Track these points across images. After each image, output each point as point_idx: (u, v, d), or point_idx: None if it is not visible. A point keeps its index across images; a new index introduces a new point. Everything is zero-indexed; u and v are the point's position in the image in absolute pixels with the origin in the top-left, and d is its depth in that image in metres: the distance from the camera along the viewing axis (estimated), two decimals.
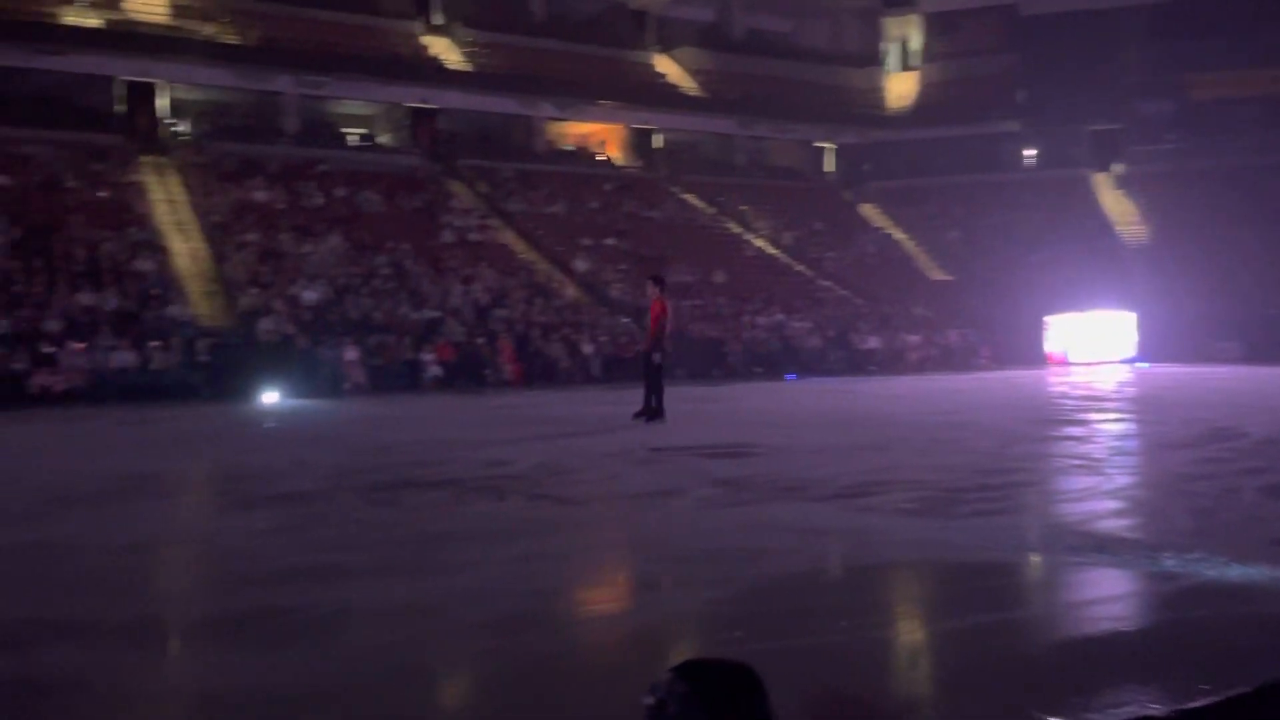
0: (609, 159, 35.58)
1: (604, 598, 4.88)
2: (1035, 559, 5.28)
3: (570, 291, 25.89)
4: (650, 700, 1.53)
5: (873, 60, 39.05)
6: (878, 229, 34.95)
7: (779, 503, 6.62)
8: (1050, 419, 12.46)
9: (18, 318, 19.21)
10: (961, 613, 4.12)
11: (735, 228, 32.62)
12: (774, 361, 23.53)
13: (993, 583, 4.58)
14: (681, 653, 3.43)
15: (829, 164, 38.64)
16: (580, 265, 27.10)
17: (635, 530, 6.07)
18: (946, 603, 4.47)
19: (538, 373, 21.50)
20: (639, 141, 36.24)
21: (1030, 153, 36.65)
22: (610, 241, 28.74)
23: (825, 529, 5.80)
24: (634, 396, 16.36)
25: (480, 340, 21.89)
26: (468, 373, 20.93)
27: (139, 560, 5.39)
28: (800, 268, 30.60)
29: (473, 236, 27.65)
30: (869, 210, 36.31)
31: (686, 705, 1.51)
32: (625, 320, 23.89)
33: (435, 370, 20.65)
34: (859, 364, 24.37)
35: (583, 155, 35.30)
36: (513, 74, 33.03)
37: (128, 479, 8.02)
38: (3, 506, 6.57)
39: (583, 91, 33.83)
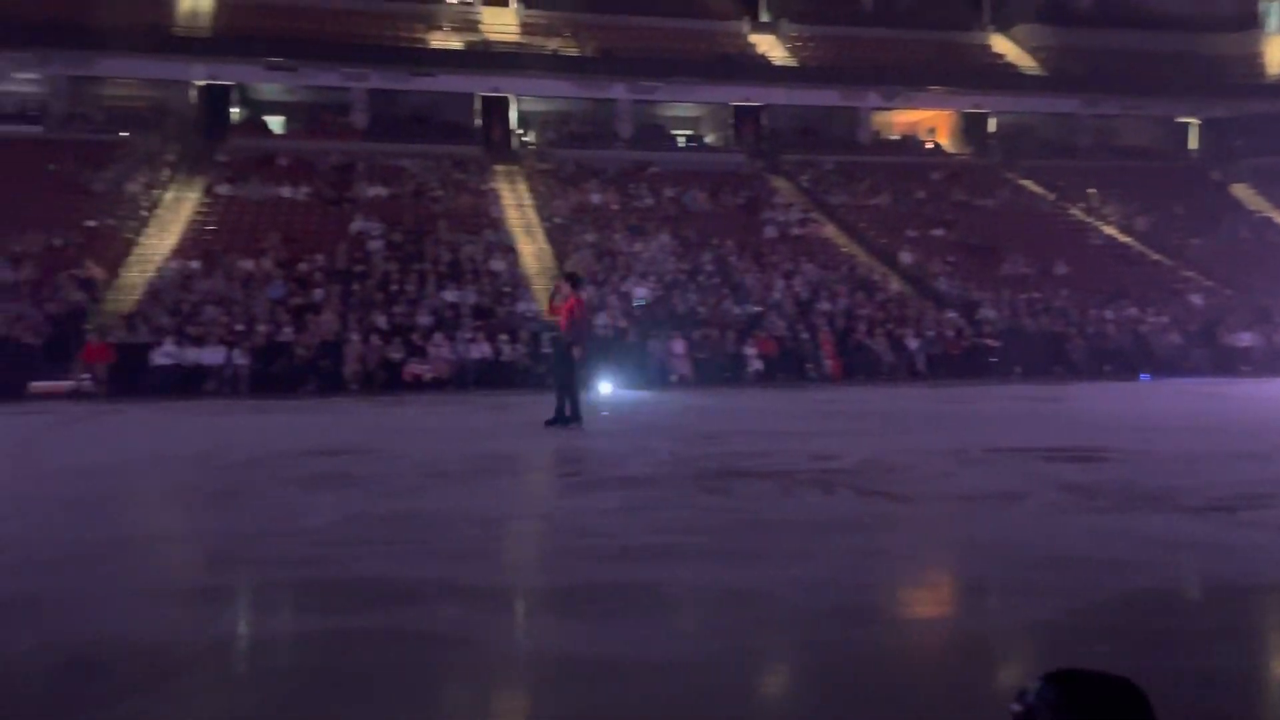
0: (938, 146, 34.25)
1: (944, 598, 4.73)
2: None
3: (894, 285, 25.22)
4: (1018, 708, 1.45)
5: (1250, 23, 34.67)
6: (1252, 211, 31.00)
7: (1139, 512, 6.07)
8: None
9: (394, 313, 21.73)
10: None
11: (1079, 214, 30.25)
12: (1124, 360, 21.56)
13: None
14: (1038, 662, 3.25)
15: (1192, 141, 34.78)
16: (905, 257, 26.31)
17: (974, 532, 5.81)
18: None
19: (859, 368, 21.13)
20: (971, 127, 34.57)
21: None
22: (938, 232, 27.66)
23: (1195, 543, 5.25)
24: (963, 394, 15.66)
25: (801, 334, 21.88)
26: (788, 367, 20.99)
27: (504, 531, 5.94)
28: (1157, 256, 27.82)
29: (794, 231, 27.68)
30: (1241, 191, 32.30)
31: (1059, 716, 1.42)
32: (952, 314, 22.90)
33: (757, 364, 20.91)
34: (1228, 363, 21.74)
35: (909, 144, 34.24)
36: (838, 66, 32.68)
37: (489, 458, 8.83)
38: (389, 480, 7.46)
39: (912, 78, 32.80)
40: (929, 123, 34.87)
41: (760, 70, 33.07)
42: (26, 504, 6.57)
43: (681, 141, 34.44)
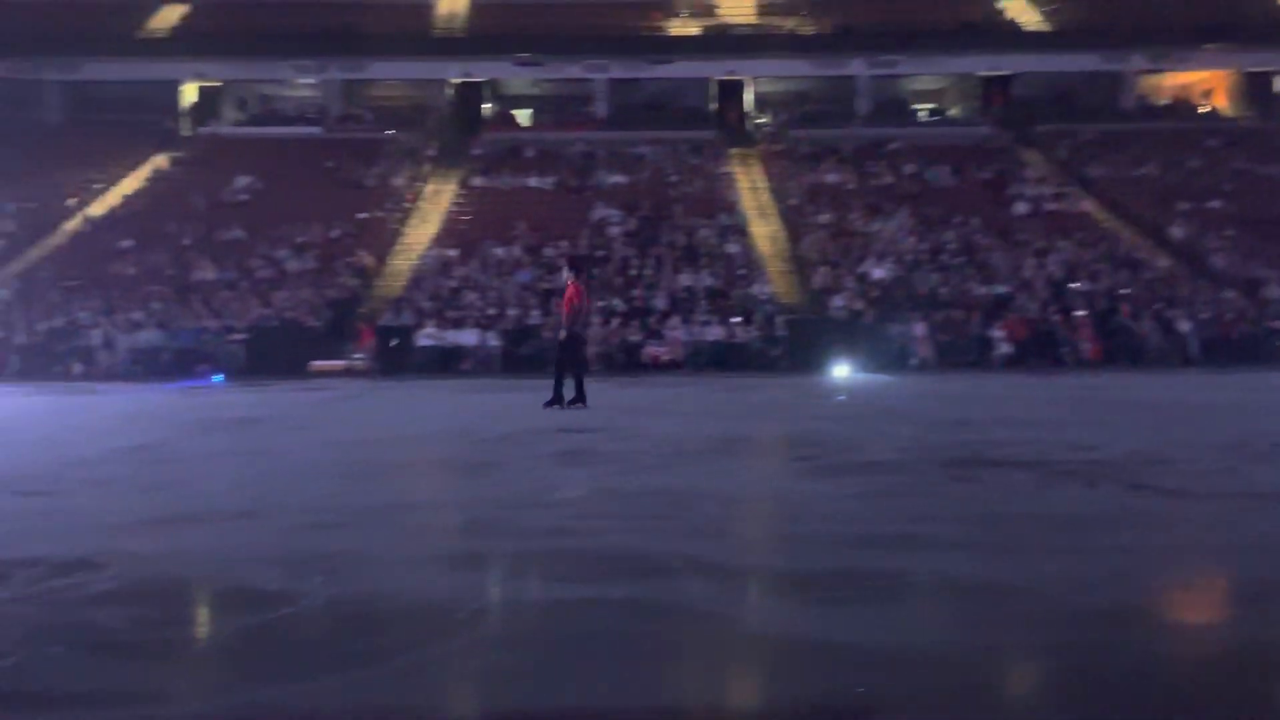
0: (1214, 110, 31.17)
1: (1225, 603, 4.32)
2: None
3: (1162, 262, 23.23)
4: None
5: None
6: None
7: None
8: None
9: (633, 296, 22.30)
10: None
11: None
12: None
13: None
14: None
15: None
16: (1176, 232, 24.16)
17: (1264, 532, 5.27)
18: None
19: (1121, 351, 19.66)
20: (1255, 88, 31.22)
21: None
22: (1214, 204, 25.21)
23: None
24: (1243, 382, 14.23)
25: (1055, 316, 20.60)
26: (1041, 350, 19.84)
27: (744, 511, 5.99)
28: None
29: (1048, 206, 26.05)
30: None
31: None
32: (1230, 294, 20.85)
33: (1005, 347, 19.89)
34: None
35: (1181, 109, 31.36)
36: (1097, 28, 30.38)
37: (727, 439, 8.92)
38: (633, 458, 7.69)
39: (1183, 38, 30.01)
40: (1205, 85, 31.77)
41: (1010, 37, 31.29)
42: (313, 472, 7.26)
43: (923, 115, 33.18)
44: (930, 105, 33.72)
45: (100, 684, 2.90)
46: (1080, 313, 20.40)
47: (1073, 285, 21.33)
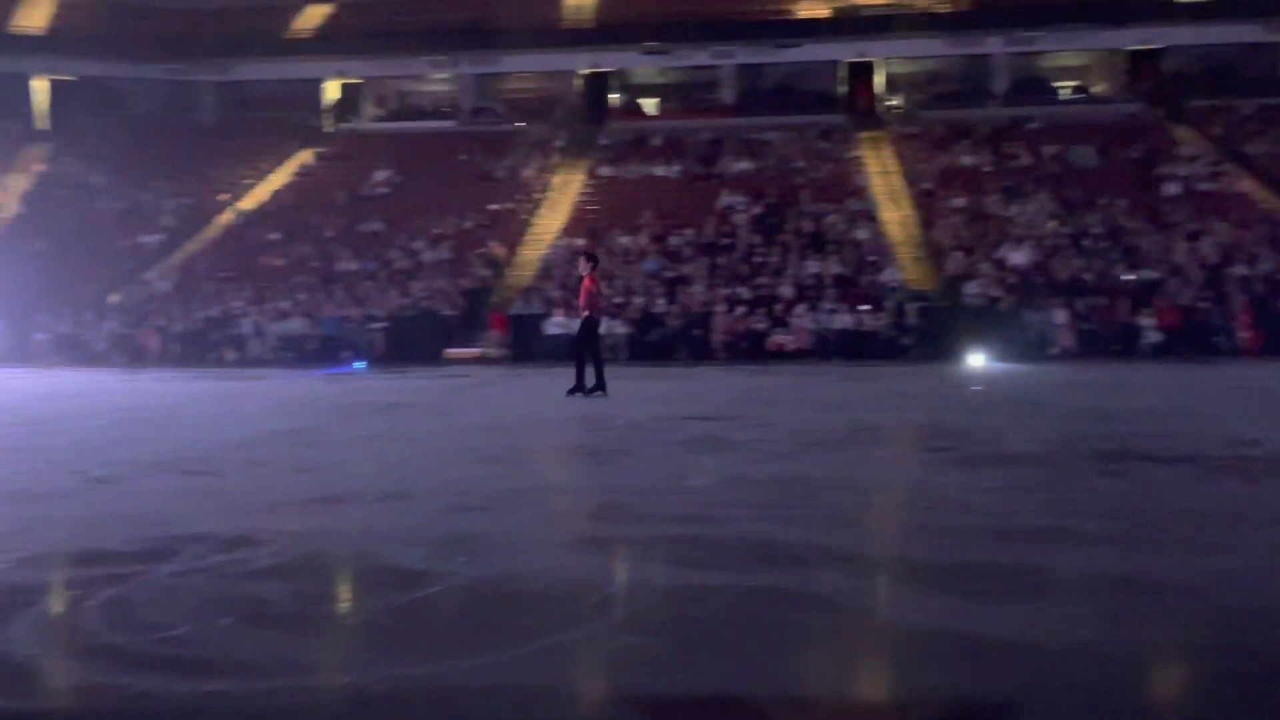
0: None
1: None
2: None
3: None
4: None
5: None
6: None
7: None
8: None
9: (758, 284, 22.15)
10: None
11: None
12: None
13: None
14: None
15: None
16: None
17: None
18: None
19: None
20: None
21: None
22: None
23: None
24: None
25: (1210, 303, 19.50)
26: (1193, 339, 18.82)
27: (879, 502, 5.91)
28: None
29: (1202, 186, 24.63)
30: None
31: None
32: None
33: (1154, 335, 18.95)
34: None
35: None
36: None
37: (858, 428, 8.80)
38: (762, 446, 7.67)
39: None
40: None
41: (1160, 8, 29.65)
42: (453, 456, 7.51)
43: (1065, 93, 31.80)
44: (1073, 82, 32.29)
45: (264, 654, 3.08)
46: (1237, 299, 19.24)
47: (1229, 270, 20.13)
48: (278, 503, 5.57)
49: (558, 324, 21.36)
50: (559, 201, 28.34)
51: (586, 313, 11.94)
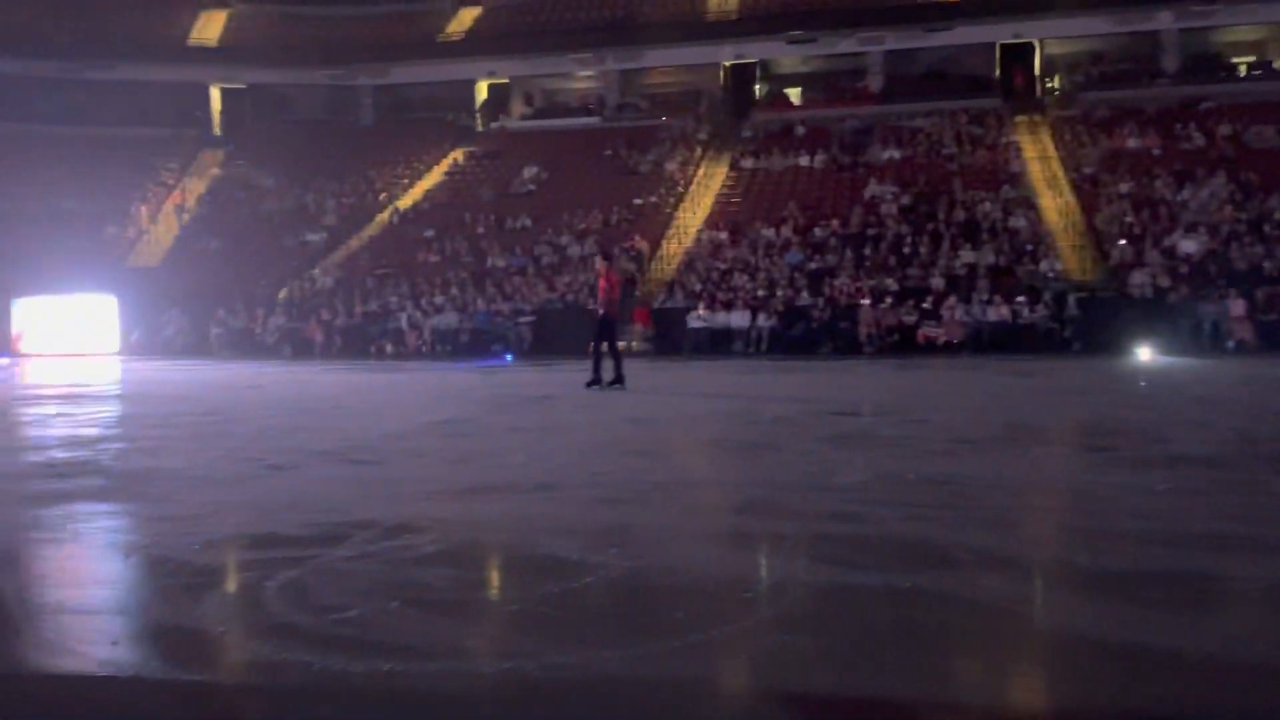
0: None
1: None
2: None
3: None
4: None
5: None
6: None
7: None
8: None
9: (907, 275, 21.61)
10: None
11: None
12: None
13: None
14: None
15: None
16: None
17: None
18: None
19: None
20: None
21: None
22: None
23: None
24: None
25: None
26: None
27: (1040, 503, 5.69)
28: None
29: None
30: None
31: None
32: None
33: None
34: None
35: None
36: None
37: (1014, 426, 8.49)
38: (914, 443, 7.50)
39: None
40: None
41: None
42: (602, 448, 7.64)
43: (1243, 70, 29.74)
44: (1250, 58, 30.14)
45: (429, 638, 3.22)
46: None
47: None
48: (436, 491, 5.79)
49: (701, 317, 21.40)
50: (702, 195, 28.36)
51: (603, 310, 12.32)
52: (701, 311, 21.47)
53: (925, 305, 20.34)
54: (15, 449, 8.38)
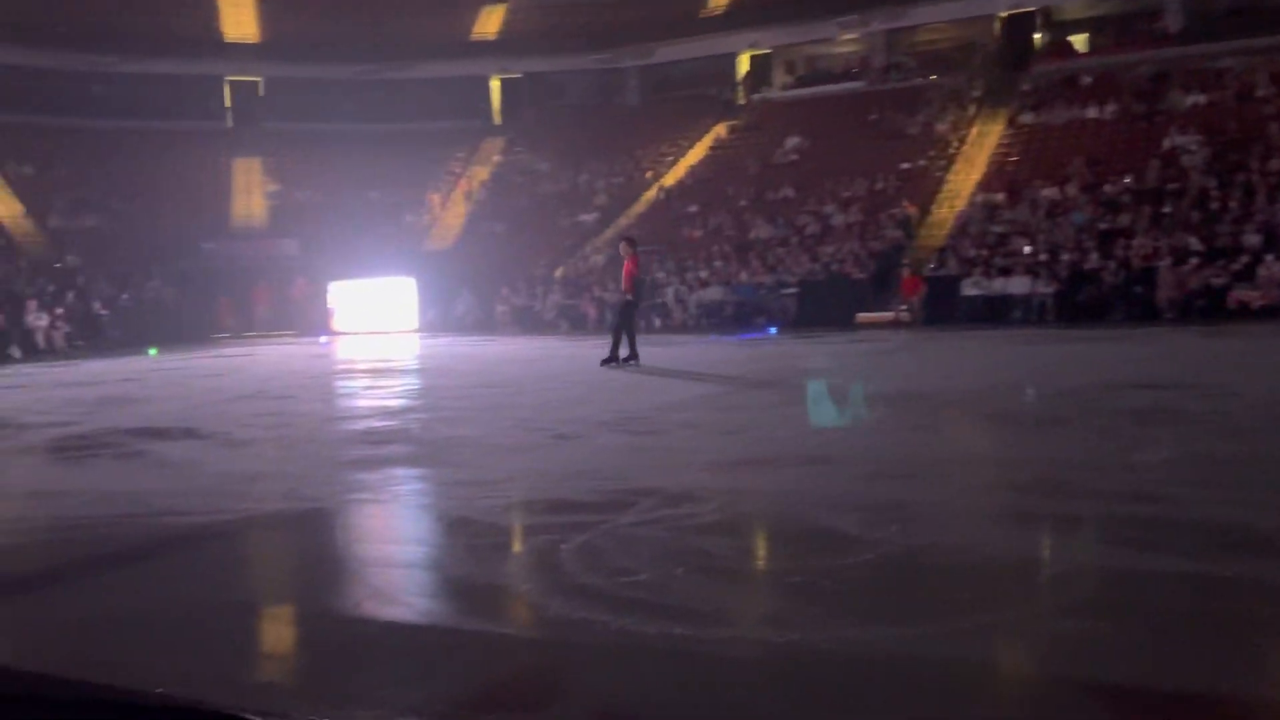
0: None
1: None
2: None
3: None
4: None
5: None
6: None
7: None
8: None
9: (1215, 233, 19.56)
10: None
11: None
12: None
13: None
14: None
15: None
16: None
17: None
18: None
19: None
20: None
21: None
22: None
23: None
24: None
25: None
26: None
27: None
28: None
29: None
30: None
31: None
32: None
33: None
34: None
35: None
36: None
37: None
38: (1227, 419, 6.84)
39: None
40: None
41: None
42: (872, 421, 7.52)
43: None
44: None
45: (716, 604, 3.33)
46: None
47: None
48: (712, 462, 5.94)
49: (975, 284, 20.44)
50: (975, 155, 26.96)
51: (628, 295, 13.17)
52: (976, 278, 20.49)
53: (1237, 266, 18.34)
54: (336, 418, 9.40)
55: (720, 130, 33.97)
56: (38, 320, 22.80)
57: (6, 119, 32.45)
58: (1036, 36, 32.06)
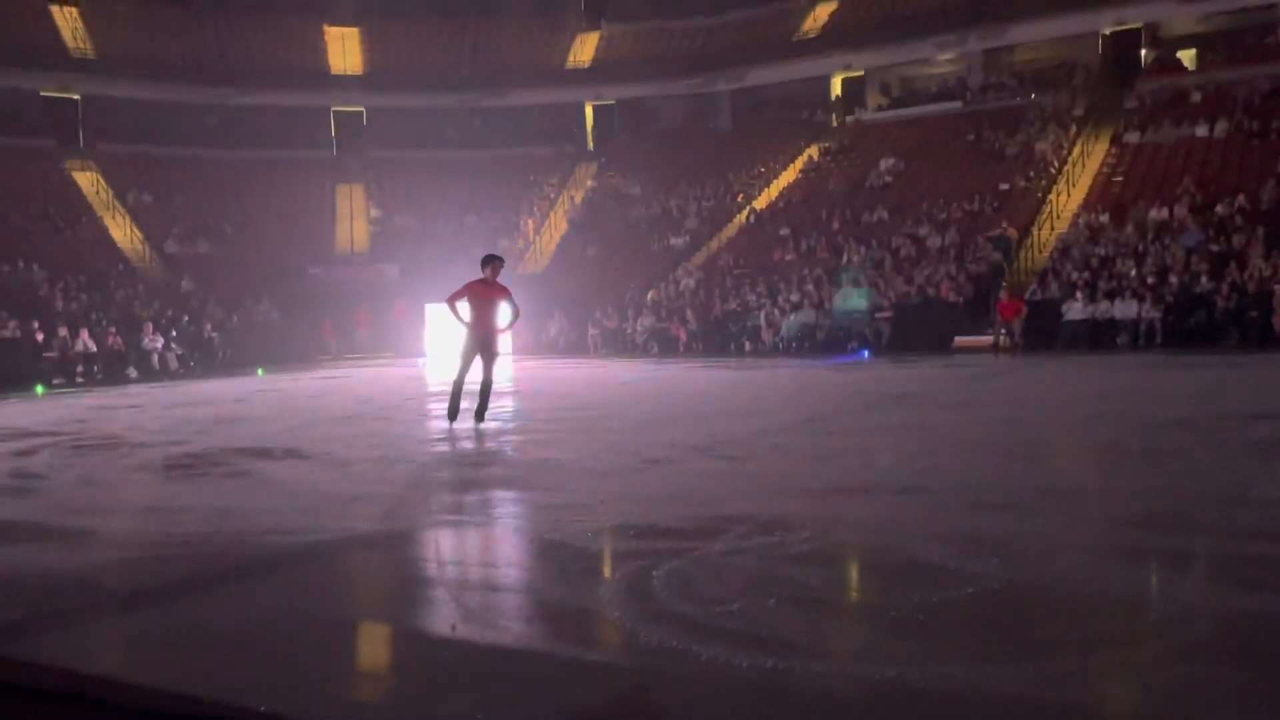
0: None
1: None
2: None
3: None
4: None
5: None
6: None
7: None
8: None
9: None
10: None
11: None
12: None
13: None
14: None
15: None
16: None
17: None
18: None
19: None
20: None
21: None
22: None
23: None
24: None
25: None
26: None
27: None
28: None
29: None
30: None
31: None
32: None
33: None
34: None
35: None
36: None
37: None
38: None
39: None
40: None
41: None
42: (973, 449, 7.31)
43: None
44: None
45: (809, 637, 3.27)
46: None
47: None
48: (805, 489, 5.85)
49: (1078, 308, 19.81)
50: (1078, 175, 26.20)
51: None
52: (1079, 302, 19.85)
53: None
54: (432, 439, 9.56)
55: (813, 152, 33.75)
56: (153, 342, 23.83)
57: (129, 150, 34.22)
58: (1142, 53, 31.10)
